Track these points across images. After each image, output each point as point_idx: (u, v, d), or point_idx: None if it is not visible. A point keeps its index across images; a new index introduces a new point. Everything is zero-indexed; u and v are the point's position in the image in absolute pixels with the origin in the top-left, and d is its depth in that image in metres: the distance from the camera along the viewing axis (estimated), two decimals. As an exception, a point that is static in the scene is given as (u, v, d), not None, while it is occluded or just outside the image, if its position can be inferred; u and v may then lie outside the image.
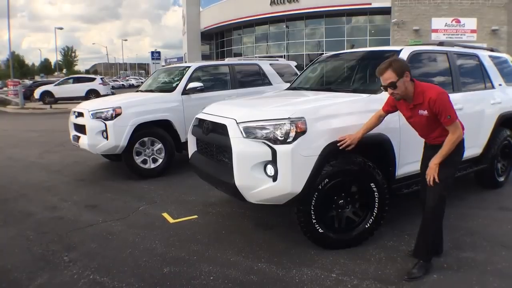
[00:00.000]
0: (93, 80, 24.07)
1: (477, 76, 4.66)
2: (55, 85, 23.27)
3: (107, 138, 5.46)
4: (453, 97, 2.89)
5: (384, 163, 3.42)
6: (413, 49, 3.96)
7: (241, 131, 3.11)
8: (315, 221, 3.13)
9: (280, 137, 2.96)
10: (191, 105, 5.98)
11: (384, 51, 4.21)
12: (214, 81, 6.88)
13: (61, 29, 58.60)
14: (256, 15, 33.65)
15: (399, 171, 3.58)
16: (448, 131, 2.75)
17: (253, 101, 4.33)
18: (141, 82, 39.36)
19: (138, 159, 5.73)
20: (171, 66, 8.64)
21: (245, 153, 3.05)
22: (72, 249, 3.42)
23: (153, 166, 5.83)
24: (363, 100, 3.49)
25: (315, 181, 3.02)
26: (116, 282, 2.85)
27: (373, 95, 3.51)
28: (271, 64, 7.55)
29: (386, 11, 26.05)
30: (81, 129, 5.81)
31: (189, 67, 6.60)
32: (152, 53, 34.91)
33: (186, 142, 4.65)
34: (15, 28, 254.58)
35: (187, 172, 5.37)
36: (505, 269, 2.95)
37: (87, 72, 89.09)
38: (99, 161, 6.97)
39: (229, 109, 3.65)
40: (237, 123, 3.18)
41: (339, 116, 3.22)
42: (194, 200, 4.69)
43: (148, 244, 3.48)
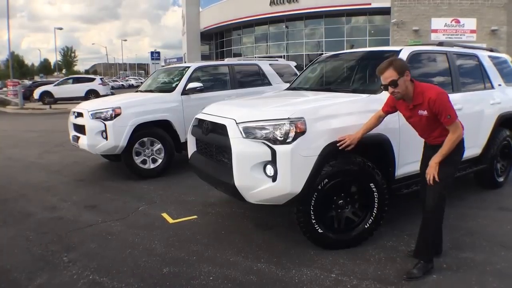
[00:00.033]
0: (92, 80, 24.09)
1: (476, 76, 4.67)
2: (55, 85, 23.28)
3: (106, 138, 5.46)
4: (452, 97, 2.89)
5: (383, 163, 3.42)
6: (412, 49, 3.96)
7: (240, 131, 3.11)
8: (314, 221, 3.13)
9: (280, 137, 2.96)
10: (190, 105, 5.97)
11: (383, 51, 4.22)
12: (214, 81, 6.88)
13: (60, 29, 58.82)
14: (256, 15, 33.67)
15: (399, 171, 3.58)
16: (448, 131, 2.75)
17: (252, 101, 4.33)
18: (141, 82, 39.45)
19: (138, 159, 5.73)
20: (171, 66, 8.65)
21: (244, 153, 3.05)
22: (71, 249, 3.42)
23: (152, 166, 5.83)
24: (362, 100, 3.50)
25: (314, 181, 3.02)
26: (115, 282, 2.84)
27: (372, 95, 3.51)
28: (270, 64, 7.55)
29: (385, 11, 26.05)
30: (80, 129, 5.81)
31: (189, 67, 6.60)
32: (152, 53, 34.90)
33: (185, 142, 4.65)
34: (15, 28, 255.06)
35: (186, 172, 5.37)
36: (504, 269, 2.95)
37: (86, 72, 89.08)
38: (98, 161, 6.97)
39: (228, 109, 3.65)
40: (236, 123, 3.18)
41: (338, 116, 3.22)
42: (194, 201, 4.69)
43: (147, 244, 3.48)
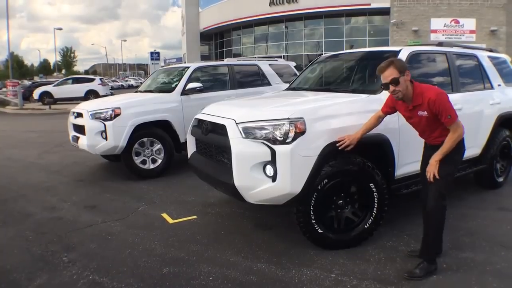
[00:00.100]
0: (92, 80, 24.11)
1: (476, 77, 4.67)
2: (54, 85, 23.29)
3: (106, 138, 5.46)
4: (452, 98, 2.89)
5: (383, 164, 3.42)
6: (412, 49, 3.96)
7: (240, 131, 3.11)
8: (314, 221, 3.13)
9: (280, 137, 2.96)
10: (190, 105, 5.97)
11: (383, 51, 4.22)
12: (213, 82, 6.89)
13: (60, 29, 58.78)
14: (255, 15, 33.70)
15: (399, 172, 3.58)
16: (448, 131, 2.76)
17: (252, 101, 4.33)
18: (140, 83, 39.38)
19: (137, 160, 5.72)
20: (170, 66, 8.64)
21: (244, 154, 3.05)
22: (71, 249, 3.42)
23: (152, 166, 5.82)
24: (362, 100, 3.50)
25: (314, 181, 3.02)
26: (115, 283, 2.84)
27: (372, 95, 3.51)
28: (270, 64, 7.55)
29: (385, 12, 26.08)
30: (80, 129, 5.81)
31: (188, 67, 6.60)
32: (151, 53, 34.90)
33: (185, 143, 4.64)
34: (14, 29, 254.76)
35: (186, 172, 5.36)
36: (504, 269, 2.95)
37: (86, 72, 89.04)
38: (98, 161, 6.96)
39: (228, 110, 3.65)
40: (236, 123, 3.18)
41: (338, 117, 3.22)
42: (194, 201, 4.69)
43: (147, 245, 3.48)
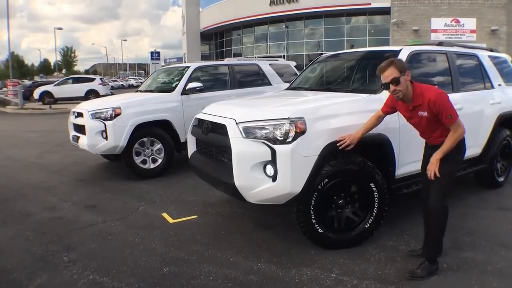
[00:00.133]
0: (92, 80, 24.10)
1: (476, 76, 4.67)
2: (55, 85, 23.28)
3: (106, 138, 5.46)
4: (452, 97, 2.89)
5: (383, 163, 3.42)
6: (412, 49, 3.96)
7: (240, 131, 3.11)
8: (314, 221, 3.13)
9: (280, 137, 2.96)
10: (190, 105, 5.97)
11: (383, 51, 4.22)
12: (214, 81, 6.89)
13: (60, 29, 58.91)
14: (256, 15, 33.66)
15: (399, 171, 3.58)
16: (449, 131, 2.76)
17: (252, 101, 4.33)
18: (141, 82, 39.44)
19: (138, 159, 5.72)
20: (171, 66, 8.65)
21: (244, 153, 3.05)
22: (71, 249, 3.42)
23: (152, 166, 5.83)
24: (362, 100, 3.50)
25: (314, 181, 3.02)
26: (115, 282, 2.84)
27: (372, 95, 3.51)
28: (270, 64, 7.55)
29: (385, 11, 26.05)
30: (80, 129, 5.81)
31: (189, 67, 6.60)
32: (152, 53, 34.92)
33: (185, 142, 4.65)
34: (14, 29, 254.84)
35: (186, 172, 5.36)
36: (504, 269, 2.95)
37: (86, 72, 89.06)
38: (98, 161, 6.97)
39: (228, 109, 3.65)
40: (236, 123, 3.18)
41: (338, 116, 3.22)
42: (194, 200, 4.69)
43: (147, 244, 3.48)
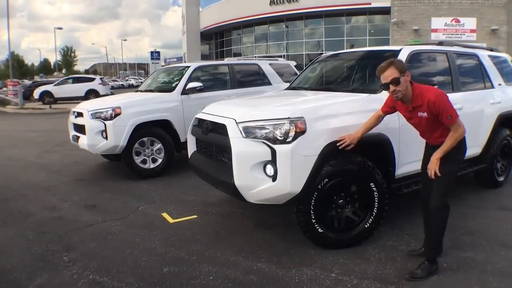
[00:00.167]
0: (92, 80, 24.09)
1: (476, 76, 4.67)
2: (55, 85, 23.26)
3: (106, 138, 5.46)
4: (452, 97, 2.90)
5: (383, 163, 3.42)
6: (412, 48, 3.96)
7: (240, 131, 3.11)
8: (314, 221, 3.13)
9: (280, 137, 2.96)
10: (190, 105, 5.97)
11: (383, 51, 4.22)
12: (214, 81, 6.89)
13: (60, 29, 58.91)
14: (256, 15, 33.62)
15: (399, 171, 3.58)
16: (449, 131, 2.75)
17: (252, 101, 4.33)
18: (141, 82, 39.40)
19: (138, 159, 5.72)
20: (171, 66, 8.64)
21: (244, 153, 3.05)
22: (71, 249, 3.42)
23: (152, 166, 5.83)
24: (362, 99, 3.49)
25: (314, 181, 3.02)
26: (115, 282, 2.85)
27: (372, 95, 3.51)
28: (270, 64, 7.54)
29: (385, 11, 26.04)
30: (80, 129, 5.81)
31: (189, 67, 6.60)
32: (152, 53, 34.90)
33: (185, 142, 4.65)
34: (15, 28, 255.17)
35: (186, 172, 5.36)
36: (504, 268, 2.95)
37: (86, 72, 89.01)
38: (98, 161, 6.96)
39: (228, 109, 3.65)
40: (236, 123, 3.18)
41: (338, 116, 3.22)
42: (194, 200, 4.69)
43: (147, 244, 3.48)
